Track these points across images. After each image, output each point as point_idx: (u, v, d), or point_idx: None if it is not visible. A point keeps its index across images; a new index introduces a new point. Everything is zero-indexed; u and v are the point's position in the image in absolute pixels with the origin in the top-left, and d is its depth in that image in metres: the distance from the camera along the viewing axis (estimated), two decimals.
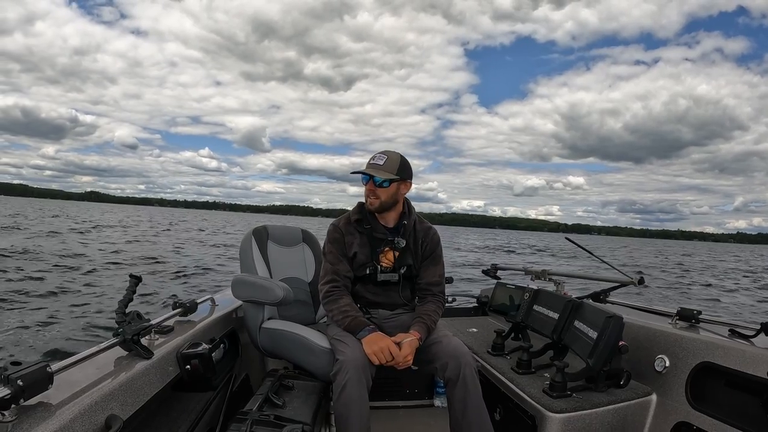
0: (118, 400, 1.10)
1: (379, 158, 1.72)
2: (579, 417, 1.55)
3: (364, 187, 1.74)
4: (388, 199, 1.73)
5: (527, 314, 2.11)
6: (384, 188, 1.71)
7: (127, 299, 1.34)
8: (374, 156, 1.74)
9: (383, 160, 1.71)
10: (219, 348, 1.64)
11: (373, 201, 1.73)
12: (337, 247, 1.79)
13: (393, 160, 1.72)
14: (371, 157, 1.75)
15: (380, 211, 1.77)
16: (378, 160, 1.72)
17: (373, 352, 1.53)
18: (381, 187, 1.70)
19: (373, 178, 1.70)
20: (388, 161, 1.71)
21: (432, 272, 1.83)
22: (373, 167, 1.71)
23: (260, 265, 2.04)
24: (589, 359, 1.60)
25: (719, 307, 9.15)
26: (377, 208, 1.74)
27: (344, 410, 1.46)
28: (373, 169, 1.71)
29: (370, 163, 1.73)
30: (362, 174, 1.73)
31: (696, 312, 1.80)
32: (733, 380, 1.50)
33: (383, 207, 1.75)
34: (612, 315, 1.59)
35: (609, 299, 2.34)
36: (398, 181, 1.72)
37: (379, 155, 1.73)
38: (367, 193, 1.73)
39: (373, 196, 1.72)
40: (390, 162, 1.71)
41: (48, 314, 5.32)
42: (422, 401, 2.37)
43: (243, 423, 1.29)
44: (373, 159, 1.74)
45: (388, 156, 1.73)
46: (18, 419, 0.86)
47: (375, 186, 1.70)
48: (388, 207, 1.76)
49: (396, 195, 1.75)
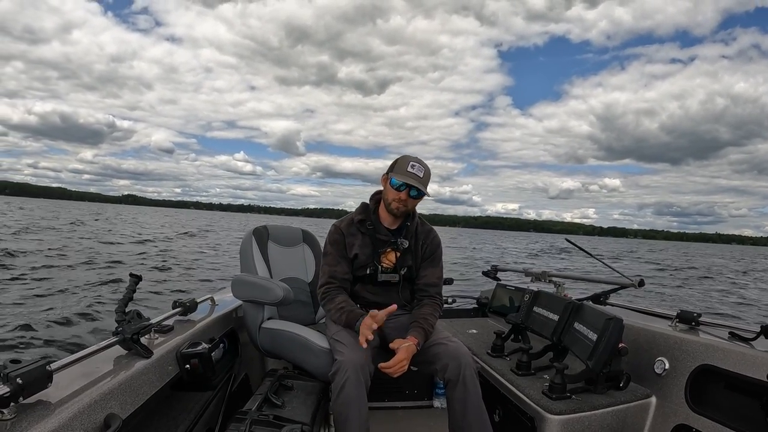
0: (118, 399, 1.10)
1: (419, 170, 1.70)
2: (578, 419, 1.55)
3: (393, 191, 1.72)
4: (412, 209, 1.79)
5: (527, 316, 2.11)
6: (414, 199, 1.74)
7: (127, 298, 1.34)
8: (412, 163, 1.70)
9: (422, 172, 1.71)
10: (218, 348, 1.64)
11: (400, 207, 1.73)
12: (337, 249, 1.79)
13: (428, 175, 1.74)
14: (407, 162, 1.71)
15: (400, 216, 1.79)
16: (418, 171, 1.70)
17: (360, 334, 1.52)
18: (413, 198, 1.73)
19: (410, 190, 1.70)
20: (425, 174, 1.72)
21: (430, 273, 1.84)
22: (414, 178, 1.69)
23: (260, 265, 2.04)
24: (589, 361, 1.60)
25: (719, 310, 9.14)
26: (401, 214, 1.77)
27: (343, 410, 1.46)
28: (415, 180, 1.69)
29: (408, 170, 1.69)
30: (402, 182, 1.70)
31: (696, 314, 1.80)
32: (732, 383, 1.50)
33: (406, 215, 1.79)
34: (612, 317, 1.59)
35: (609, 301, 2.34)
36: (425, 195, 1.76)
37: (418, 165, 1.70)
38: (398, 199, 1.72)
39: (403, 204, 1.73)
40: (426, 175, 1.73)
41: (48, 314, 5.33)
42: (421, 402, 2.37)
43: (242, 423, 1.30)
44: (411, 167, 1.69)
45: (425, 169, 1.72)
46: (17, 417, 0.87)
47: (409, 197, 1.72)
48: (408, 214, 1.80)
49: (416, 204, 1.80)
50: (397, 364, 1.53)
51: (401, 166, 1.71)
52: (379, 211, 1.83)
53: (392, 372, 1.53)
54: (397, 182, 1.70)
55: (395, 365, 1.53)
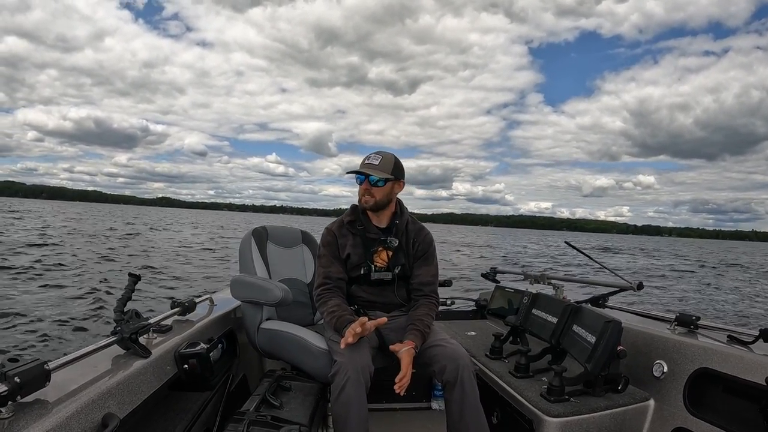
0: (115, 398, 1.10)
1: (374, 158, 1.75)
2: (576, 421, 1.55)
3: (359, 187, 1.77)
4: (383, 198, 1.77)
5: (526, 318, 2.11)
6: (379, 187, 1.74)
7: (125, 298, 1.34)
8: (369, 156, 1.78)
9: (378, 159, 1.75)
10: (217, 348, 1.64)
11: (368, 199, 1.75)
12: (330, 250, 1.81)
13: (387, 160, 1.76)
14: (366, 157, 1.79)
15: (375, 209, 1.79)
16: (373, 160, 1.75)
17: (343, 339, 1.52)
18: (376, 186, 1.74)
19: (369, 177, 1.73)
20: (382, 161, 1.75)
21: (425, 272, 1.84)
22: (368, 167, 1.74)
23: (259, 266, 2.04)
24: (587, 364, 1.60)
25: (719, 313, 9.13)
26: (372, 206, 1.77)
27: (343, 411, 1.46)
28: (368, 168, 1.74)
29: (365, 162, 1.76)
30: (357, 174, 1.75)
31: (695, 318, 1.80)
32: (731, 386, 1.50)
33: (378, 206, 1.78)
34: (611, 320, 1.59)
35: (608, 304, 2.34)
36: (392, 180, 1.76)
37: (374, 155, 1.77)
38: (362, 192, 1.76)
39: (368, 194, 1.75)
40: (384, 162, 1.75)
41: (48, 313, 5.32)
42: (420, 404, 2.37)
43: (240, 423, 1.29)
44: (368, 159, 1.77)
45: (383, 156, 1.76)
46: (15, 416, 0.87)
47: (370, 185, 1.74)
48: (383, 206, 1.79)
49: (390, 194, 1.79)
50: (406, 374, 1.54)
51: (361, 163, 1.78)
52: (367, 211, 1.85)
53: (404, 383, 1.53)
54: (356, 176, 1.76)
55: (405, 375, 1.53)
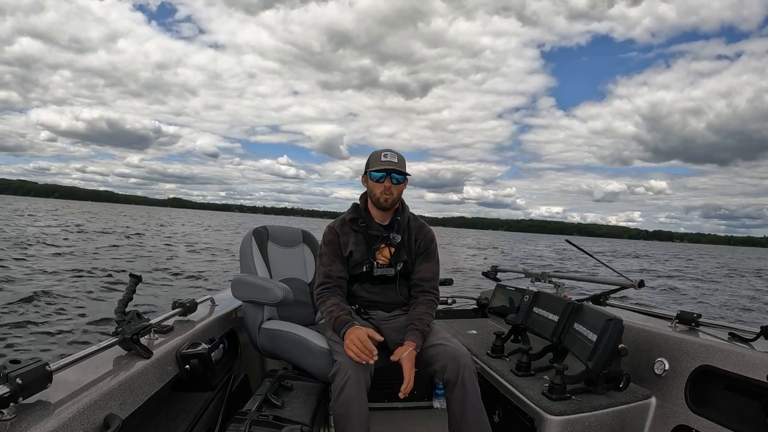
0: (117, 399, 1.10)
1: (393, 156, 1.76)
2: (578, 419, 1.55)
3: (376, 184, 1.76)
4: (399, 196, 1.80)
5: (527, 316, 2.11)
6: (399, 185, 1.77)
7: (126, 298, 1.34)
8: (386, 154, 1.77)
9: (396, 158, 1.77)
10: (218, 348, 1.64)
11: (388, 197, 1.76)
12: (331, 249, 1.81)
13: (402, 158, 1.79)
14: (381, 154, 1.77)
15: (391, 207, 1.81)
16: (392, 158, 1.76)
17: (346, 346, 1.52)
18: (397, 184, 1.76)
19: (391, 175, 1.74)
20: (399, 160, 1.77)
21: (425, 268, 1.85)
22: (391, 164, 1.75)
23: (260, 266, 2.05)
24: (589, 362, 1.60)
25: (719, 311, 9.13)
26: (390, 204, 1.78)
27: (343, 411, 1.46)
28: (394, 166, 1.74)
29: (385, 160, 1.75)
30: (380, 171, 1.74)
31: (696, 315, 1.80)
32: (732, 384, 1.50)
33: (395, 203, 1.80)
34: (612, 317, 1.59)
35: (609, 302, 2.34)
36: (408, 177, 1.80)
37: (391, 154, 1.77)
38: (383, 190, 1.75)
39: (388, 192, 1.76)
40: (401, 160, 1.77)
41: (48, 313, 5.33)
42: (421, 402, 2.37)
43: (242, 423, 1.30)
44: (385, 157, 1.76)
45: (398, 154, 1.78)
46: (17, 417, 0.87)
47: (392, 183, 1.75)
48: (396, 203, 1.82)
49: (402, 192, 1.82)
50: (410, 382, 1.54)
51: (375, 160, 1.77)
52: (369, 209, 1.86)
53: (408, 390, 1.54)
54: (377, 174, 1.75)
55: (409, 383, 1.54)
